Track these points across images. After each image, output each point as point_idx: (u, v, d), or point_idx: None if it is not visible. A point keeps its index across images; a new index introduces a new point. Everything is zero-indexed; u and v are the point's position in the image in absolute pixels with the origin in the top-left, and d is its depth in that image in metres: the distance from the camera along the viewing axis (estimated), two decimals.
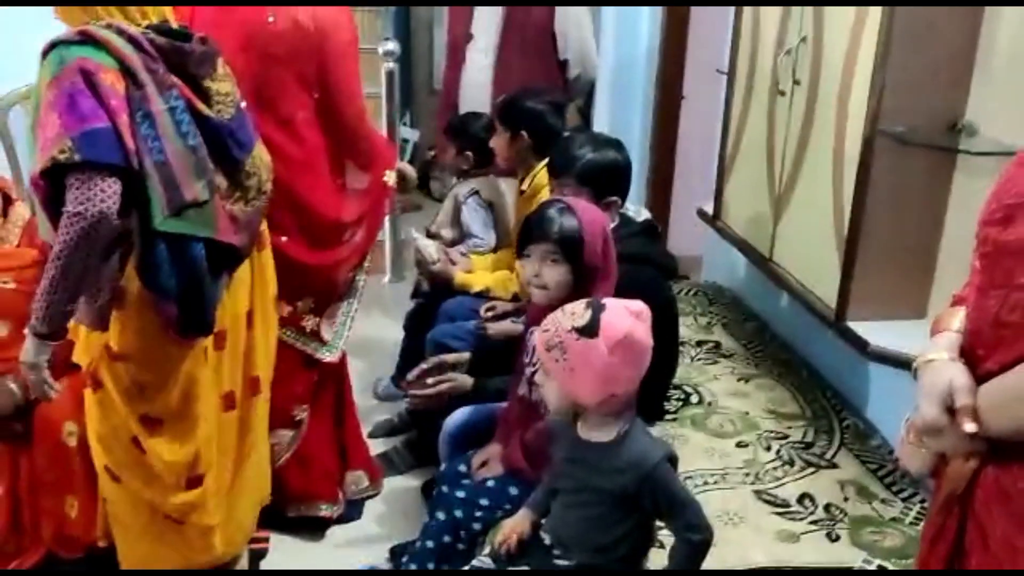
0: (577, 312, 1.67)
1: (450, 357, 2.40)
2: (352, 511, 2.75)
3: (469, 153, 3.15)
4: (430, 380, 2.31)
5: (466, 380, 2.33)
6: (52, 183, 1.77)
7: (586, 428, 1.73)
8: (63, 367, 2.35)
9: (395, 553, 2.52)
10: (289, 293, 2.44)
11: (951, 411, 1.16)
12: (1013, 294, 1.13)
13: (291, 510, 2.64)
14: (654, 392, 2.40)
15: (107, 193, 1.75)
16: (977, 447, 1.17)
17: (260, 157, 2.13)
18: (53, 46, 1.81)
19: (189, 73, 1.93)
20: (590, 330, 1.64)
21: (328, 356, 2.58)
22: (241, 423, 2.29)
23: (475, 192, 3.13)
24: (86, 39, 1.81)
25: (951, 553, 1.24)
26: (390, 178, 2.60)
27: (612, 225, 2.32)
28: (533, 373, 2.04)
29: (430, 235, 3.17)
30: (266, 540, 2.61)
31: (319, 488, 2.65)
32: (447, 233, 3.21)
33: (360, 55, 2.50)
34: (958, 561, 1.23)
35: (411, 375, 2.35)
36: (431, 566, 2.07)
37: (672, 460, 1.70)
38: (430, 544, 2.08)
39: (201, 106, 1.94)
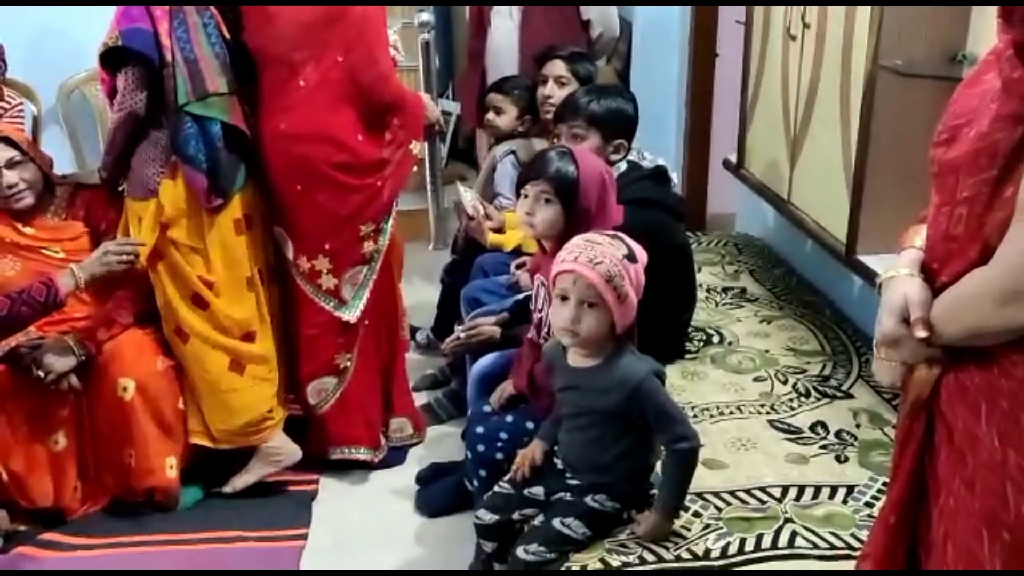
0: (610, 241, 1.78)
1: (485, 328, 2.47)
2: (396, 456, 2.88)
3: (529, 116, 3.16)
4: (462, 334, 2.45)
5: (495, 331, 2.45)
6: (110, 73, 2.42)
7: (577, 356, 1.85)
8: (117, 327, 2.56)
9: (420, 478, 2.74)
10: (308, 246, 2.61)
11: (908, 322, 1.24)
12: (957, 209, 1.20)
13: (333, 452, 2.79)
14: (673, 331, 2.49)
15: (138, 98, 2.40)
16: (935, 355, 1.24)
17: None
18: None
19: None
20: (632, 256, 1.77)
21: (347, 315, 2.67)
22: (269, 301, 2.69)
23: (512, 152, 3.16)
24: None
25: (919, 452, 1.32)
26: (415, 147, 2.67)
27: (621, 170, 2.42)
28: (539, 319, 2.16)
29: None
30: (316, 482, 2.78)
31: (360, 433, 2.79)
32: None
33: (394, 25, 2.66)
34: (928, 457, 1.31)
35: (446, 345, 2.54)
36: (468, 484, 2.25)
37: (659, 376, 1.81)
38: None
39: (225, 31, 2.50)
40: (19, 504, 2.52)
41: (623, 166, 2.42)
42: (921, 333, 1.21)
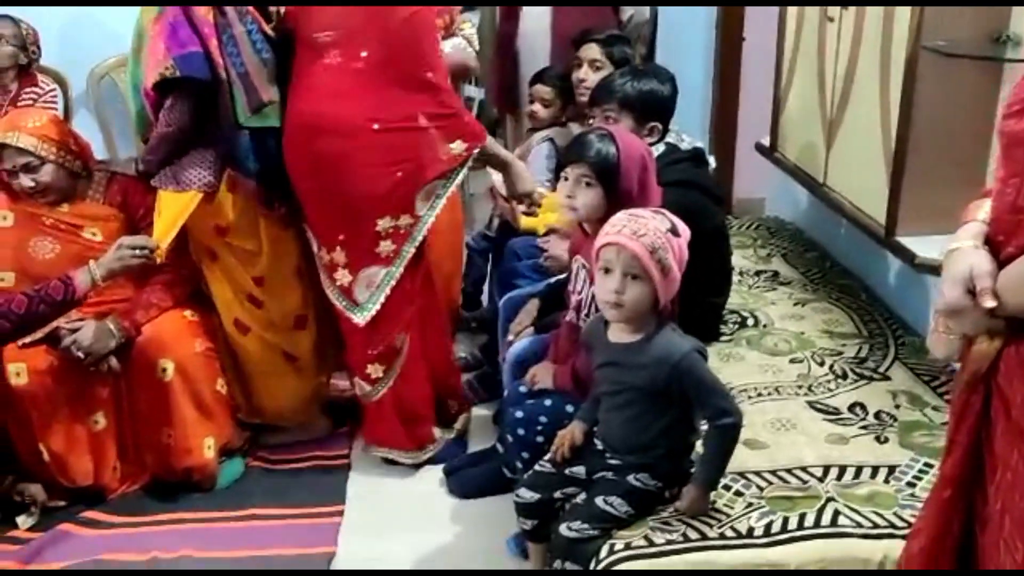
0: (653, 215, 1.80)
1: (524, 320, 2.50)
2: (452, 450, 2.81)
3: (570, 105, 3.13)
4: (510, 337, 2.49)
5: (532, 313, 2.48)
6: (160, 93, 2.39)
7: (618, 332, 1.85)
8: (156, 309, 2.58)
9: (449, 471, 2.71)
10: (325, 237, 2.54)
11: (972, 293, 1.23)
12: None
13: (373, 450, 2.77)
14: (708, 313, 2.49)
15: (183, 115, 2.38)
16: (997, 326, 1.24)
17: None
18: None
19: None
20: (676, 231, 1.79)
21: (357, 317, 2.55)
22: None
23: (549, 139, 3.14)
24: None
25: (976, 427, 1.32)
26: (457, 148, 2.50)
27: (659, 152, 2.41)
28: (579, 301, 2.17)
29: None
30: (347, 456, 2.82)
31: (401, 440, 2.73)
32: None
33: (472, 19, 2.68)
34: (985, 431, 1.31)
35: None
36: (507, 472, 2.23)
37: (702, 353, 1.82)
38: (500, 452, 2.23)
39: (266, 27, 2.45)
40: (59, 483, 2.55)
41: (661, 147, 2.41)
42: (990, 303, 1.20)
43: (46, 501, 2.56)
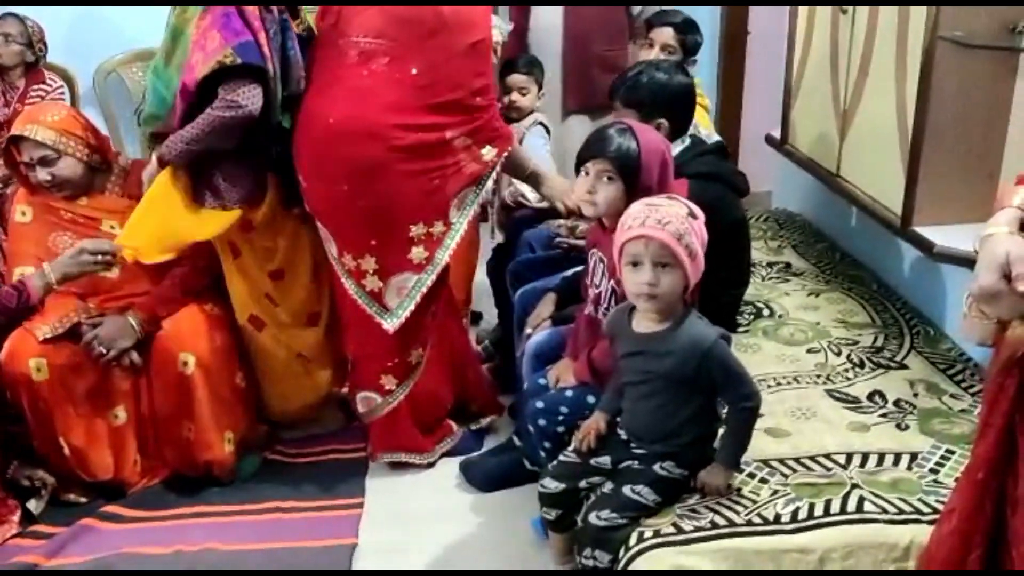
0: (670, 203, 1.82)
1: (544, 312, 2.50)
2: (469, 445, 2.81)
3: (543, 92, 3.14)
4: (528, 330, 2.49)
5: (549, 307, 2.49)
6: (201, 88, 2.32)
7: (645, 321, 1.87)
8: (176, 303, 2.59)
9: (465, 472, 2.71)
10: (353, 244, 2.49)
11: (1008, 278, 1.25)
12: None
13: (382, 456, 2.74)
14: (727, 305, 2.51)
15: (257, 97, 2.32)
16: None
17: None
18: None
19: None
20: (693, 213, 1.81)
21: (387, 323, 2.52)
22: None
23: (539, 122, 3.11)
24: None
25: (1012, 408, 1.34)
26: (489, 153, 2.49)
27: (685, 145, 2.42)
28: (598, 294, 2.18)
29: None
30: (364, 449, 2.82)
31: (413, 443, 2.72)
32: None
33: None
34: (1019, 414, 1.33)
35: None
36: (528, 464, 2.24)
37: (727, 339, 1.85)
38: (519, 444, 2.24)
39: (294, 25, 2.44)
40: (80, 477, 2.56)
41: (687, 141, 2.42)
42: None
43: (55, 484, 2.55)
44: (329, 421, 2.95)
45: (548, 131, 3.12)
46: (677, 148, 2.39)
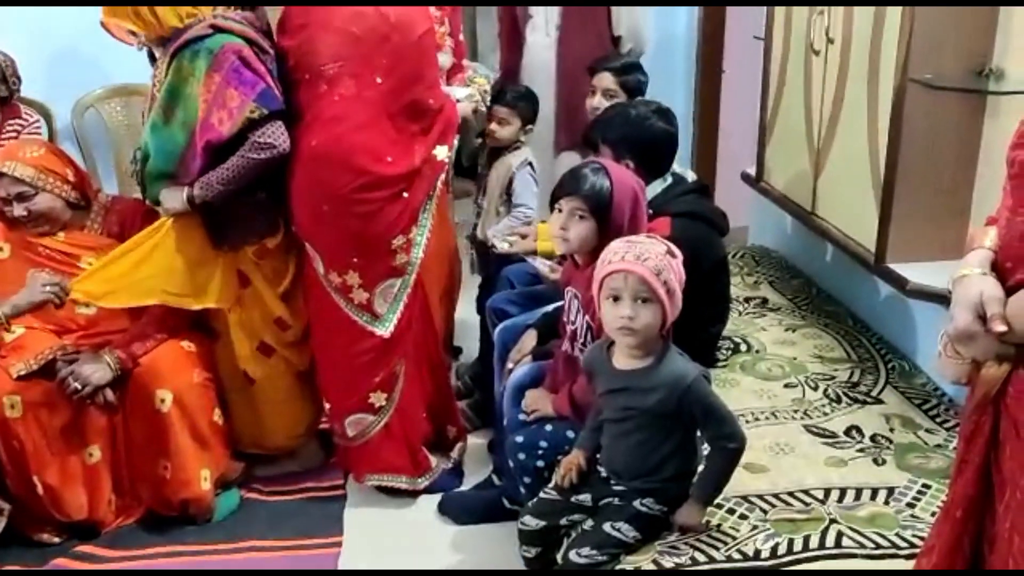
0: (649, 240, 1.84)
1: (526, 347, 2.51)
2: (448, 482, 2.81)
3: (531, 127, 3.15)
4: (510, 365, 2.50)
5: (531, 342, 2.50)
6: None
7: (624, 358, 1.89)
8: (152, 340, 2.58)
9: (442, 505, 2.70)
10: (337, 261, 2.56)
11: (983, 319, 1.27)
12: None
13: (368, 479, 2.76)
14: (706, 342, 2.53)
15: (284, 134, 2.45)
16: (1006, 351, 1.28)
17: None
18: (187, 44, 2.40)
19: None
20: (672, 252, 1.83)
21: (381, 330, 2.60)
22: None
23: (528, 163, 3.13)
24: (216, 30, 2.41)
25: (988, 446, 1.36)
26: (440, 152, 2.62)
27: (667, 184, 2.44)
28: (573, 330, 2.20)
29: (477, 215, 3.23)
30: (341, 487, 2.82)
31: (402, 462, 2.74)
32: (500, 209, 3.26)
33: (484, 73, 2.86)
34: (994, 452, 1.35)
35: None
36: (505, 501, 2.23)
37: (707, 377, 1.86)
38: (498, 483, 2.24)
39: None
40: (53, 517, 2.53)
41: (668, 179, 2.45)
42: (1000, 328, 1.24)
43: (10, 508, 2.48)
44: (306, 458, 2.93)
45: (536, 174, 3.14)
46: (659, 187, 2.42)
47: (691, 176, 2.59)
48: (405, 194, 2.55)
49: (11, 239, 2.56)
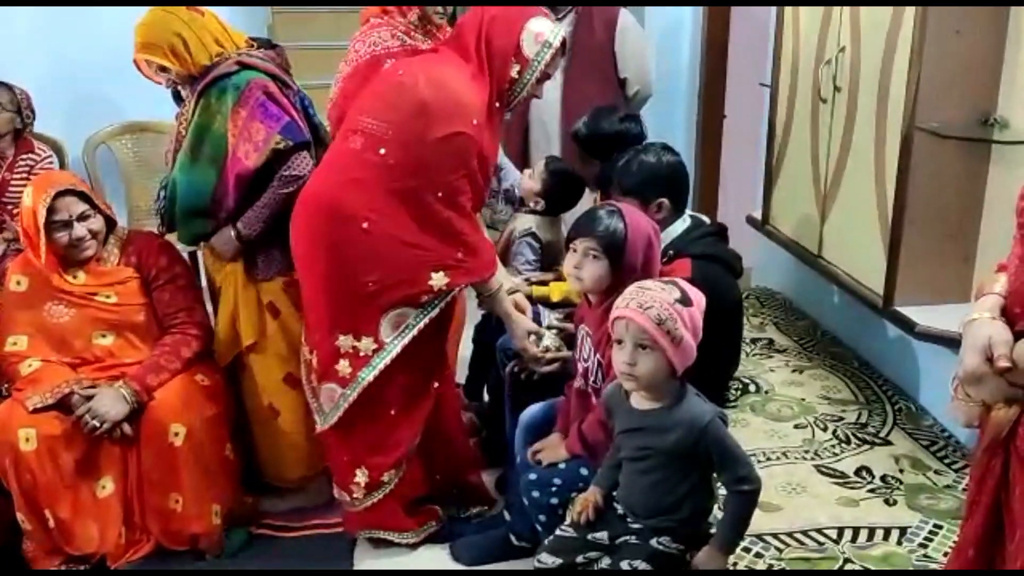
0: (661, 287, 1.86)
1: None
2: (461, 527, 2.75)
3: (542, 203, 3.04)
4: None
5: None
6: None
7: (641, 398, 1.91)
8: (167, 373, 2.60)
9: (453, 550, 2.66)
10: (307, 332, 2.51)
11: (991, 361, 1.31)
12: None
13: (363, 533, 2.68)
14: (718, 382, 2.56)
15: (308, 163, 2.54)
16: (1015, 394, 1.32)
17: None
18: (214, 81, 2.49)
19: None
20: (686, 300, 1.84)
21: (320, 422, 2.52)
22: None
23: (531, 233, 3.10)
24: (242, 67, 2.50)
25: (998, 487, 1.39)
26: (439, 281, 2.35)
27: (686, 226, 2.48)
28: (586, 368, 2.23)
29: None
30: (339, 525, 2.78)
31: (397, 522, 2.65)
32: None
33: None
34: (1004, 493, 1.38)
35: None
36: (514, 539, 2.24)
37: (723, 419, 1.89)
38: (508, 519, 2.25)
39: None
40: (64, 550, 2.52)
41: (688, 221, 2.48)
42: (1004, 363, 1.28)
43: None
44: (314, 494, 2.92)
45: (541, 244, 3.10)
46: (679, 228, 2.46)
47: (707, 219, 2.63)
48: (371, 287, 2.34)
49: (29, 272, 2.58)
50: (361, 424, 2.47)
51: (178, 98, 2.69)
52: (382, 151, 2.29)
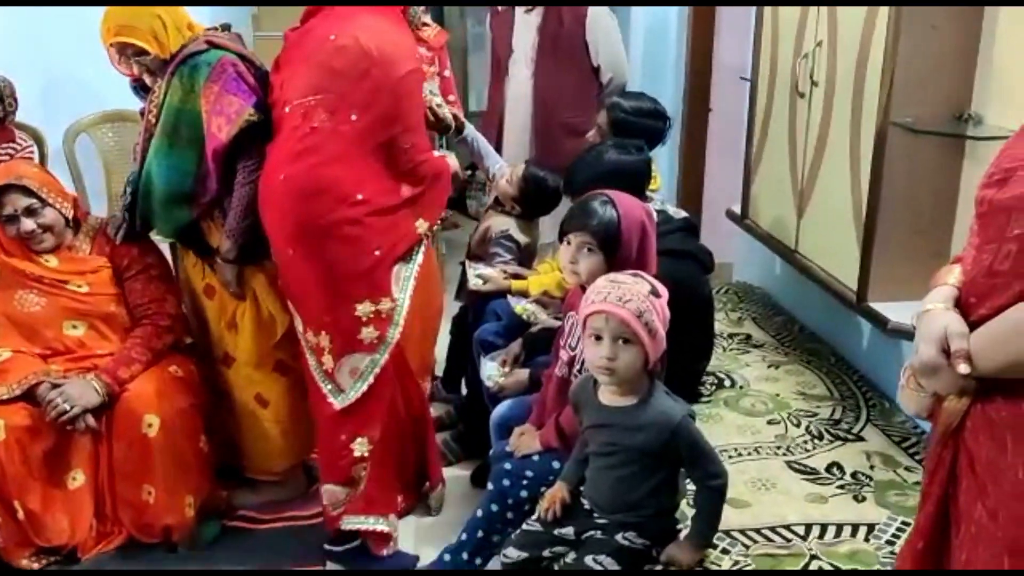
0: (633, 280, 1.86)
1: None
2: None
3: (518, 207, 3.13)
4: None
5: (523, 376, 2.53)
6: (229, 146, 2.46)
7: (610, 395, 1.91)
8: (138, 364, 2.59)
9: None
10: (310, 319, 2.46)
11: (947, 353, 1.30)
12: (1005, 245, 1.28)
13: (346, 522, 2.59)
14: (690, 376, 2.56)
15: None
16: (967, 385, 1.31)
17: None
18: (184, 60, 2.49)
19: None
20: (656, 292, 1.85)
21: (338, 402, 2.47)
22: None
23: (507, 235, 3.13)
24: (212, 45, 2.51)
25: (947, 480, 1.38)
26: (421, 227, 2.49)
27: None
28: (572, 357, 2.22)
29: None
30: (314, 517, 2.77)
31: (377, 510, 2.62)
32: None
33: None
34: (952, 486, 1.37)
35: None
36: (481, 532, 2.23)
37: (692, 416, 1.88)
38: (479, 512, 2.24)
39: None
40: (33, 542, 2.51)
41: (656, 217, 2.47)
42: (964, 369, 1.27)
43: None
44: (291, 487, 2.92)
45: (518, 246, 3.13)
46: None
47: (681, 213, 2.61)
48: (377, 252, 2.41)
49: None
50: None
51: (139, 90, 2.68)
52: (353, 117, 2.35)
